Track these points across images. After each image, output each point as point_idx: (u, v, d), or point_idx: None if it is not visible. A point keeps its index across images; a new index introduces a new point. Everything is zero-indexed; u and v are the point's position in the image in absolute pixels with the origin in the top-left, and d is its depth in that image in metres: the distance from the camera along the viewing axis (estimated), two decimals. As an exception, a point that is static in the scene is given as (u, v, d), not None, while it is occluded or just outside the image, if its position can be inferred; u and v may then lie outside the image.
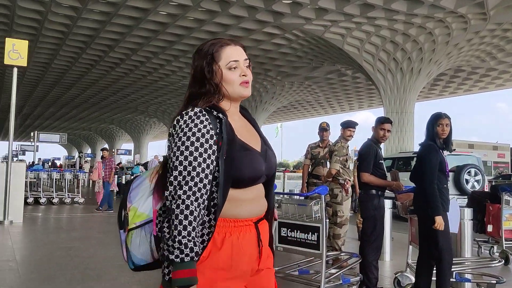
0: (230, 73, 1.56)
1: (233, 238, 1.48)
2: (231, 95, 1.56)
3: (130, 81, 33.37)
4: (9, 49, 8.14)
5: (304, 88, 34.16)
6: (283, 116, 53.96)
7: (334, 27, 21.02)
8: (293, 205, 3.80)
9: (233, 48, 1.59)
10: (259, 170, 1.53)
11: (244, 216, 1.51)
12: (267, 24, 20.97)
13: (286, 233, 3.88)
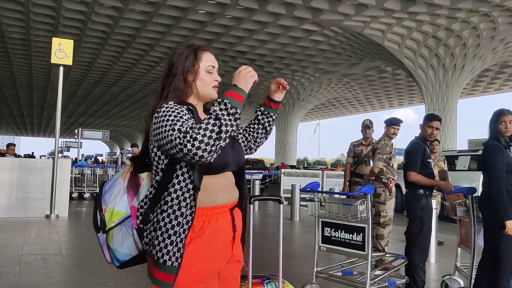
0: (207, 75, 1.71)
1: (211, 225, 1.58)
2: (202, 94, 1.70)
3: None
4: (56, 48, 8.40)
5: (343, 85, 33.74)
6: (320, 114, 53.49)
7: (374, 22, 20.62)
8: (337, 205, 3.71)
9: (211, 55, 1.76)
10: (227, 158, 1.62)
11: (219, 203, 1.61)
12: (305, 21, 20.80)
13: (329, 233, 3.79)
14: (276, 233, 7.42)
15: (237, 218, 1.69)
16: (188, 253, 1.53)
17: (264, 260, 5.18)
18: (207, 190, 1.57)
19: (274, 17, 20.42)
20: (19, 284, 4.10)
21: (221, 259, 1.63)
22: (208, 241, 1.57)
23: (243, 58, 27.36)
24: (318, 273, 3.86)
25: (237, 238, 1.69)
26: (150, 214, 1.54)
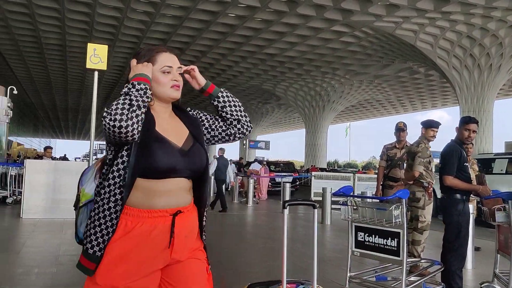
0: (163, 76, 1.71)
1: (144, 227, 1.58)
2: (161, 95, 1.71)
3: (199, 83, 34.19)
4: (91, 53, 8.59)
5: (374, 87, 33.29)
6: (351, 116, 52.93)
7: (406, 23, 20.26)
8: (371, 209, 3.65)
9: (168, 55, 1.76)
10: (172, 163, 1.61)
11: (158, 207, 1.60)
12: (336, 23, 20.64)
13: (363, 238, 3.73)
14: (309, 238, 7.37)
15: (181, 224, 1.63)
16: (113, 250, 1.56)
17: (294, 264, 5.15)
18: (145, 192, 1.60)
19: (304, 19, 20.34)
20: (55, 284, 4.21)
21: (150, 264, 1.61)
22: (136, 242, 1.57)
23: (272, 60, 27.38)
24: (351, 278, 3.80)
25: (177, 243, 1.63)
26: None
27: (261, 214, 11.57)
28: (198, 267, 1.71)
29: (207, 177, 1.77)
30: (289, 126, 66.80)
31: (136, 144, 1.57)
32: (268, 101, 41.20)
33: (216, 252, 6.02)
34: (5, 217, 9.06)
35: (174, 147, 1.65)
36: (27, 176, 8.92)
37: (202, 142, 1.77)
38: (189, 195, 1.71)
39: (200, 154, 1.72)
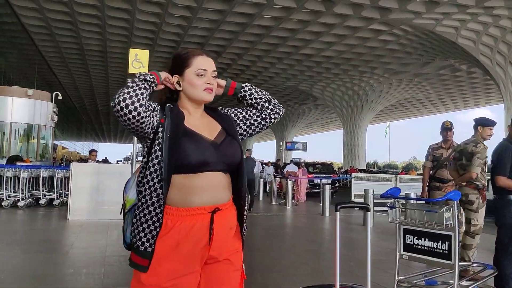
0: (197, 79, 1.75)
1: (183, 225, 1.61)
2: (194, 97, 1.76)
3: (236, 85, 34.44)
4: (133, 58, 8.78)
5: (414, 85, 32.56)
6: (390, 115, 51.92)
7: (447, 19, 19.71)
8: (420, 211, 3.54)
9: (204, 58, 1.79)
10: (204, 156, 1.64)
11: (196, 205, 1.63)
12: (374, 21, 20.31)
13: (412, 241, 3.62)
14: (352, 241, 7.25)
15: (219, 221, 1.65)
16: (158, 249, 1.61)
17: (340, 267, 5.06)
18: (182, 190, 1.63)
19: (341, 18, 20.13)
20: (105, 284, 4.30)
21: (191, 262, 1.64)
22: (176, 241, 1.61)
23: (309, 60, 27.24)
24: (399, 282, 3.70)
25: (216, 241, 1.65)
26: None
27: (300, 216, 11.50)
28: (230, 271, 1.73)
29: (243, 170, 1.77)
30: (327, 127, 66.22)
31: (167, 138, 1.62)
32: (305, 101, 40.99)
33: (258, 254, 6.01)
34: (52, 218, 9.37)
35: (206, 140, 1.69)
36: (73, 179, 9.19)
37: (236, 136, 1.80)
38: (227, 191, 1.73)
39: (233, 147, 1.74)
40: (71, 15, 20.71)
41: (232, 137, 1.77)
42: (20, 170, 10.92)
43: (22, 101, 14.93)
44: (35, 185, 11.61)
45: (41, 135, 15.96)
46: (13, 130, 15.11)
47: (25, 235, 7.39)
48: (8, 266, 4.97)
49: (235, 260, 1.74)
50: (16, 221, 8.93)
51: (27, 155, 15.31)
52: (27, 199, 10.79)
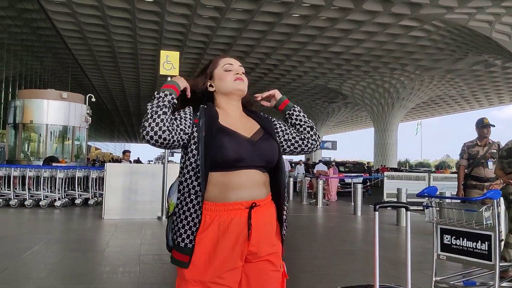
0: (225, 73, 1.83)
1: (221, 220, 1.65)
2: (227, 90, 1.82)
3: (265, 85, 34.45)
4: (164, 60, 8.92)
5: (446, 82, 31.82)
6: (422, 113, 50.90)
7: (480, 14, 19.18)
8: (458, 211, 3.46)
9: (230, 59, 1.89)
10: (240, 152, 1.66)
11: (232, 200, 1.66)
12: (404, 17, 19.96)
13: (449, 241, 3.54)
14: (385, 241, 7.15)
15: (257, 217, 1.68)
16: (198, 244, 1.65)
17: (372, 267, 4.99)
18: (219, 186, 1.67)
19: (370, 15, 19.87)
20: (141, 282, 4.37)
21: (231, 257, 1.66)
22: (215, 236, 1.65)
23: (338, 58, 26.99)
24: (437, 282, 3.63)
25: (255, 236, 1.67)
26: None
27: (332, 216, 11.41)
28: (270, 272, 1.73)
29: (282, 168, 1.79)
30: (357, 125, 65.49)
31: (202, 137, 1.67)
32: (334, 100, 40.64)
33: (289, 254, 6.00)
34: (88, 218, 9.60)
35: (242, 137, 1.72)
36: (107, 179, 9.39)
37: (273, 134, 1.82)
38: (264, 188, 1.74)
39: (270, 145, 1.76)
40: (103, 18, 21.17)
41: (270, 135, 1.79)
42: (56, 170, 11.24)
43: (57, 104, 15.36)
44: (71, 185, 11.92)
45: (75, 136, 16.38)
46: (49, 132, 15.55)
47: (62, 234, 7.59)
48: (48, 265, 5.12)
49: (275, 260, 1.75)
50: (53, 221, 9.18)
51: (63, 156, 15.73)
52: (63, 199, 11.09)
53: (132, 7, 19.65)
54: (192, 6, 19.48)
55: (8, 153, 15.65)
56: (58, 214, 9.96)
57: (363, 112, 43.18)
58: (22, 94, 16.46)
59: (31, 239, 6.74)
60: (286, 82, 33.78)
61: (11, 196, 10.82)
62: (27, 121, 15.32)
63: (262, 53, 26.38)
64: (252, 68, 29.44)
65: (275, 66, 29.27)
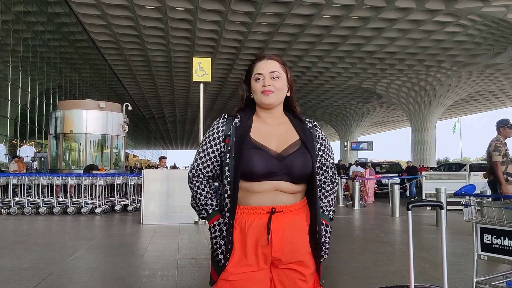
0: (255, 84, 1.83)
1: (242, 221, 1.73)
2: (257, 102, 1.84)
3: (298, 87, 34.37)
4: (196, 67, 9.08)
5: (485, 77, 30.82)
6: (461, 110, 49.44)
7: (520, 5, 18.52)
8: (498, 209, 3.35)
9: (263, 62, 1.84)
10: (268, 168, 1.70)
11: (252, 205, 1.72)
12: (438, 13, 19.50)
13: (490, 240, 3.44)
14: (423, 241, 6.98)
15: (278, 222, 1.71)
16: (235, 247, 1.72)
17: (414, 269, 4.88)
18: (243, 190, 1.73)
19: (403, 12, 19.52)
20: (179, 286, 4.45)
21: (253, 259, 1.70)
22: (237, 237, 1.72)
23: (371, 58, 26.64)
24: (478, 283, 3.52)
25: (277, 241, 1.70)
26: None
27: (369, 217, 11.24)
28: (297, 282, 1.74)
29: (315, 181, 1.78)
30: (393, 125, 64.30)
31: (232, 156, 1.73)
32: (368, 100, 40.08)
33: (328, 256, 5.96)
34: (127, 223, 9.83)
35: (271, 153, 1.74)
36: (145, 185, 9.60)
37: (311, 149, 1.80)
38: (291, 197, 1.76)
39: (302, 159, 1.75)
40: (137, 29, 21.69)
41: (306, 150, 1.79)
42: (96, 178, 11.58)
43: (96, 113, 15.83)
44: (110, 192, 12.24)
45: (113, 144, 16.82)
46: (88, 141, 16.04)
47: (103, 239, 7.80)
48: (90, 270, 5.28)
49: (302, 270, 1.75)
50: (95, 227, 9.45)
51: (102, 164, 16.18)
52: (103, 206, 11.41)
53: (164, 17, 20.04)
54: (223, 12, 19.68)
55: (51, 163, 16.22)
56: (98, 220, 10.25)
57: (399, 111, 42.37)
58: (62, 105, 17.04)
59: (74, 245, 6.97)
60: (319, 84, 33.59)
61: (54, 204, 11.22)
62: (67, 131, 15.85)
63: (294, 56, 26.34)
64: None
65: (308, 68, 29.16)
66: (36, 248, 6.77)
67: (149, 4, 19.10)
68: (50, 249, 6.66)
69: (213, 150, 1.82)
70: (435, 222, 9.24)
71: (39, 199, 11.27)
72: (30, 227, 9.38)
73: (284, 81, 1.84)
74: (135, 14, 19.87)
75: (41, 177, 11.52)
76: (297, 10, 19.45)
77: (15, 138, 21.40)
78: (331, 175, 1.96)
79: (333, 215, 1.94)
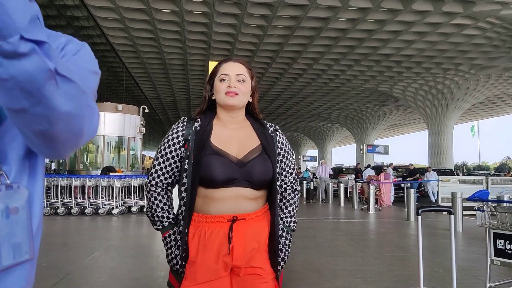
0: (219, 84, 1.78)
1: (202, 232, 1.68)
2: (219, 102, 1.79)
3: (313, 90, 34.33)
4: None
5: (504, 80, 30.37)
6: (479, 113, 48.79)
7: (540, 7, 18.24)
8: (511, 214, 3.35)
9: (230, 64, 1.84)
10: (228, 174, 1.66)
11: (213, 213, 1.68)
12: (456, 15, 19.32)
13: (503, 246, 3.44)
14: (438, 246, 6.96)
15: (240, 230, 1.67)
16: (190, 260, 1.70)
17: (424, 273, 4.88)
18: (203, 199, 1.70)
19: (420, 15, 19.39)
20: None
21: (213, 268, 1.67)
22: (197, 246, 1.69)
23: (388, 61, 26.48)
24: (490, 289, 3.52)
25: (238, 250, 1.67)
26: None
27: (384, 221, 11.20)
28: (258, 284, 1.71)
29: (275, 187, 1.76)
30: (410, 128, 63.75)
31: (191, 162, 1.69)
32: (385, 103, 39.81)
33: (340, 260, 5.98)
34: (144, 224, 9.95)
35: (231, 158, 1.70)
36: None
37: (271, 154, 1.77)
38: (253, 203, 1.72)
39: (263, 166, 1.73)
40: (154, 32, 21.93)
41: (267, 156, 1.76)
42: (113, 180, 11.75)
43: (113, 116, 16.05)
44: (127, 194, 12.40)
45: (130, 146, 17.03)
46: (105, 143, 16.27)
47: (120, 240, 7.94)
48: (107, 270, 5.39)
49: (263, 272, 1.73)
50: (112, 228, 9.61)
51: (119, 165, 16.40)
52: (120, 207, 11.57)
53: (181, 20, 20.24)
54: (239, 15, 19.79)
55: (69, 164, 16.49)
56: (115, 221, 10.41)
57: (416, 114, 41.98)
58: (81, 107, 17.29)
59: (92, 245, 7.11)
60: (334, 87, 33.49)
61: (72, 205, 11.42)
62: (85, 133, 16.08)
63: (310, 59, 26.31)
64: (299, 74, 29.44)
65: (323, 71, 29.10)
66: (54, 248, 6.92)
67: (166, 7, 19.31)
68: (68, 249, 6.81)
69: (172, 155, 1.78)
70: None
71: (58, 200, 11.48)
72: (49, 227, 9.57)
73: (249, 86, 1.83)
74: (152, 18, 20.09)
75: (60, 178, 11.74)
76: (313, 13, 19.45)
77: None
78: (292, 181, 1.92)
79: (294, 226, 1.87)
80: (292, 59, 26.08)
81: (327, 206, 16.09)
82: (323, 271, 5.30)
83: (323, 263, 5.80)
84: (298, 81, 31.39)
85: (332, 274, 5.20)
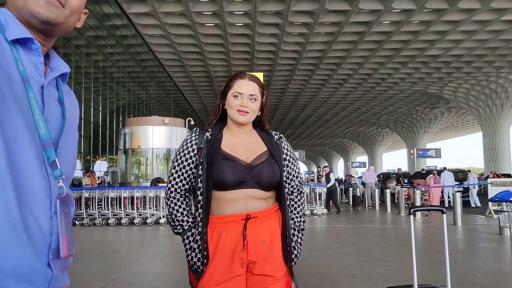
0: (233, 100, 1.91)
1: (219, 231, 1.81)
2: (230, 116, 1.93)
3: (359, 95, 33.93)
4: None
5: None
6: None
7: None
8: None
9: (245, 82, 1.94)
10: (238, 177, 1.80)
11: (227, 213, 1.81)
12: (506, 11, 18.62)
13: (532, 247, 3.37)
14: (477, 250, 6.74)
15: (256, 227, 1.80)
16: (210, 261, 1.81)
17: (461, 277, 4.81)
18: (216, 201, 1.83)
19: (467, 13, 18.84)
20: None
21: (231, 267, 1.78)
22: (214, 247, 1.80)
23: (436, 62, 25.81)
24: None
25: (252, 246, 1.79)
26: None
27: (429, 227, 10.93)
28: (265, 284, 1.82)
29: (283, 189, 1.90)
30: (463, 130, 61.39)
31: (204, 168, 1.84)
32: (435, 105, 38.67)
33: (376, 265, 5.97)
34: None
35: (240, 163, 1.84)
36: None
37: (277, 159, 1.91)
38: (263, 202, 1.86)
39: (270, 168, 1.86)
40: (198, 46, 22.59)
41: (274, 160, 1.90)
42: (160, 190, 12.20)
43: (161, 129, 16.64)
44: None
45: (178, 158, 17.53)
46: (154, 155, 16.88)
47: (165, 248, 8.27)
48: (150, 275, 5.68)
49: (273, 272, 1.84)
50: (158, 236, 10.00)
51: (167, 177, 16.93)
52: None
53: (224, 33, 20.74)
54: (281, 25, 20.02)
55: (121, 176, 17.23)
56: (162, 230, 10.81)
57: (469, 116, 40.49)
58: (130, 122, 18.09)
59: (138, 252, 7.48)
60: (382, 91, 32.94)
61: (122, 215, 11.96)
62: (135, 146, 16.79)
63: (355, 63, 26.11)
64: (345, 79, 29.24)
65: (369, 75, 28.75)
66: (104, 255, 7.35)
67: (210, 21, 19.87)
68: (117, 256, 7.20)
69: (188, 163, 1.92)
70: (498, 231, 8.84)
71: (108, 211, 12.06)
72: (101, 236, 10.10)
73: (259, 103, 1.96)
74: (197, 32, 20.72)
75: (110, 190, 12.33)
76: (356, 18, 19.36)
77: (89, 154, 22.92)
78: (298, 185, 2.05)
79: (304, 225, 2.03)
80: (336, 64, 25.98)
81: (374, 212, 15.85)
82: (357, 275, 5.33)
83: (358, 267, 5.82)
84: (343, 87, 31.15)
85: (366, 278, 5.22)
